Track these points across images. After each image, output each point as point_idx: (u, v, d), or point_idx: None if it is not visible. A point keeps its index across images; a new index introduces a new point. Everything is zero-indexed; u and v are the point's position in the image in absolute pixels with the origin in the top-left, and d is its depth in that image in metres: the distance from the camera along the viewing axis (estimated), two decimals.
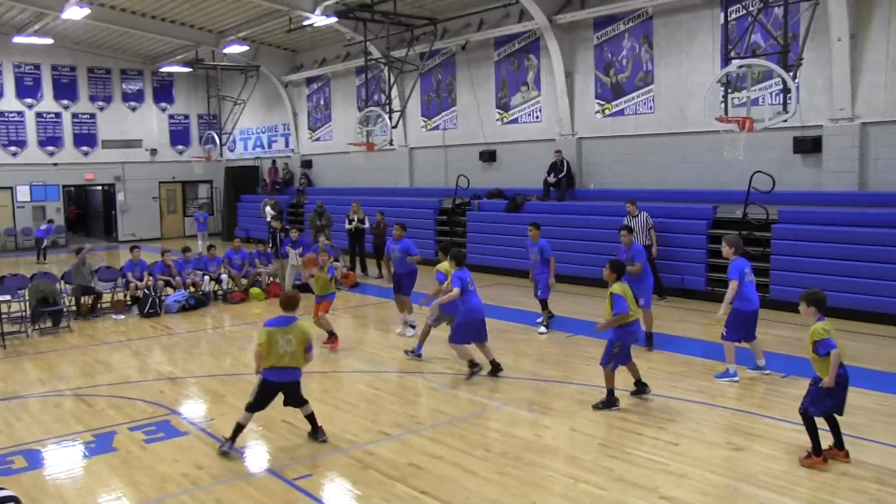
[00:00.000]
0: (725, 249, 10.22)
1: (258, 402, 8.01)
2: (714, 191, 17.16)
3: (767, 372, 10.28)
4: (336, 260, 19.54)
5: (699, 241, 16.16)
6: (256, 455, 8.03)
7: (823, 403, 7.19)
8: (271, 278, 18.47)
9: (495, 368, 10.58)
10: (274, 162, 32.73)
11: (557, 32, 19.98)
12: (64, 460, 8.18)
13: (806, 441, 7.33)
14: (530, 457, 7.69)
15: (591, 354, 11.70)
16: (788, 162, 16.19)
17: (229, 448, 7.91)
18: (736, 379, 10.00)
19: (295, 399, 8.18)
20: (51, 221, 29.53)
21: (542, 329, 13.43)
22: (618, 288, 8.94)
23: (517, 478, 7.19)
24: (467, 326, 10.42)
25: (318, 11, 22.77)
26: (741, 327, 10.01)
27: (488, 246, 20.75)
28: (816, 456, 7.22)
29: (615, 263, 9.24)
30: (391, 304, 14.28)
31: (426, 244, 22.62)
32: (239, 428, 7.95)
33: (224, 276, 17.85)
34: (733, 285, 9.83)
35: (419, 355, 11.75)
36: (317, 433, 8.24)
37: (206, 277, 17.70)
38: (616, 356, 8.93)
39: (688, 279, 16.08)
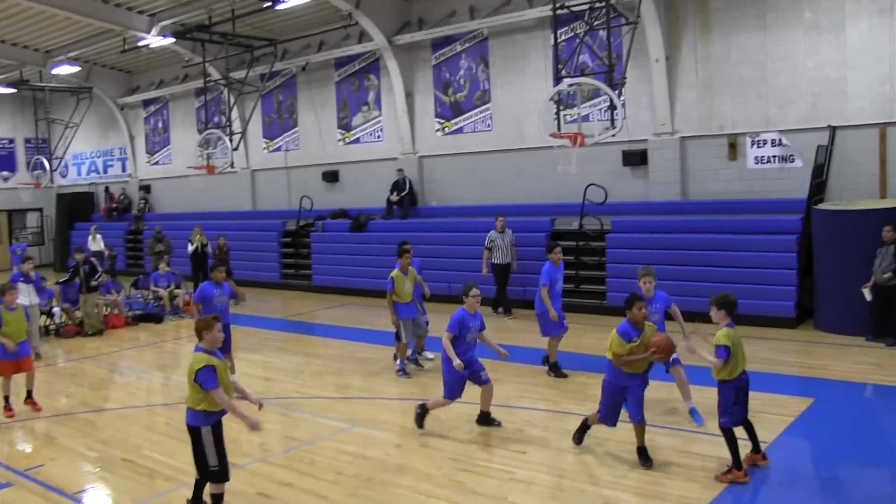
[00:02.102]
0: (651, 284, 9.22)
1: None
2: (552, 204, 17.83)
3: None
4: (177, 287, 19.03)
5: (538, 252, 16.71)
6: (95, 498, 7.55)
7: (734, 412, 7.12)
8: (109, 309, 17.61)
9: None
10: (107, 188, 31.37)
11: (397, 53, 20.25)
12: None
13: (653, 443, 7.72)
14: (383, 476, 7.74)
15: (437, 370, 11.89)
16: (619, 174, 17.07)
17: None
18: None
19: (194, 455, 6.80)
20: None
21: (430, 356, 12.42)
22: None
23: (370, 499, 7.21)
24: None
25: (154, 32, 21.99)
26: None
27: (334, 266, 20.72)
28: (738, 469, 7.10)
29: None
30: (237, 329, 13.75)
31: (270, 267, 22.40)
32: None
33: (56, 310, 16.91)
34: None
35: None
36: None
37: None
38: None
39: (529, 290, 16.54)
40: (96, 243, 25.13)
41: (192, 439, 6.78)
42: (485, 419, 9.07)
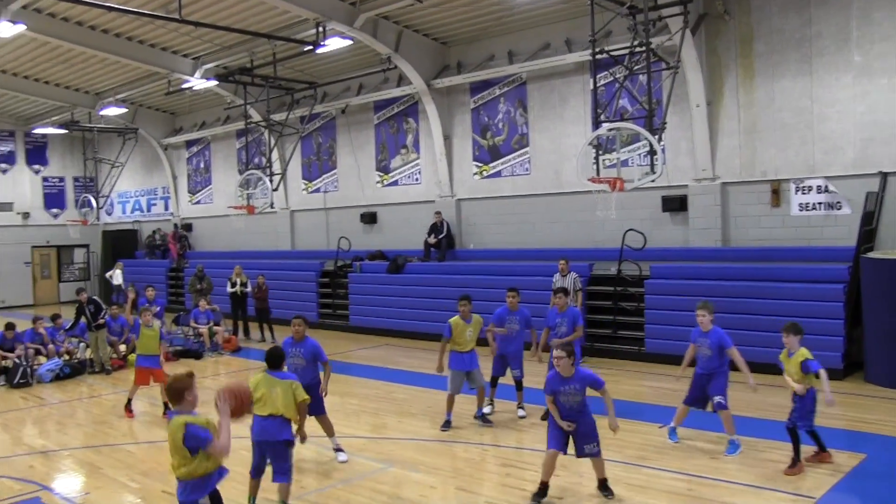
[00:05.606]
0: (707, 317, 9.79)
1: None
2: (590, 249, 17.67)
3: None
4: (217, 324, 19.13)
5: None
6: None
7: (810, 418, 8.48)
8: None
9: None
10: (176, 226, 31.33)
11: (435, 96, 20.40)
12: None
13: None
14: None
15: (469, 415, 11.73)
16: (658, 220, 16.90)
17: None
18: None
19: None
20: None
21: (522, 412, 11.58)
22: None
23: None
24: None
25: (197, 74, 22.56)
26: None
27: (371, 307, 20.69)
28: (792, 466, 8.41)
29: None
30: None
31: (308, 307, 22.41)
32: None
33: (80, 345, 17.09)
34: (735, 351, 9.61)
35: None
36: None
37: (82, 344, 16.94)
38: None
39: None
40: (117, 278, 25.59)
41: None
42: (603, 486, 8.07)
